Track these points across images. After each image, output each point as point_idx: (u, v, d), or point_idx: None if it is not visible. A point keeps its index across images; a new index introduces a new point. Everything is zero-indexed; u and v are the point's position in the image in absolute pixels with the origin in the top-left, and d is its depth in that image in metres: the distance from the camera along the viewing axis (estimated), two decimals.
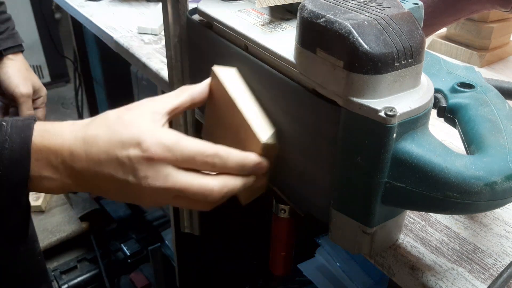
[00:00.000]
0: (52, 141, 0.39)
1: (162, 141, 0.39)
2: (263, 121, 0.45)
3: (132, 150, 0.39)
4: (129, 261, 1.40)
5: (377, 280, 0.77)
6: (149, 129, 0.40)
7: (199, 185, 0.40)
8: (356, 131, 0.37)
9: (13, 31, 0.95)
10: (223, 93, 0.47)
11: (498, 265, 0.43)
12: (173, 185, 0.40)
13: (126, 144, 0.39)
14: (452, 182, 0.35)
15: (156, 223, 1.51)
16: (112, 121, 0.41)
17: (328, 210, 0.42)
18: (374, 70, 0.35)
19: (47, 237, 1.29)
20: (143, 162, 0.39)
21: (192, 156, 0.40)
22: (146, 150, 0.39)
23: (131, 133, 0.39)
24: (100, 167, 0.39)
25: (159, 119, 0.42)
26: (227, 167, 0.42)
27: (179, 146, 0.39)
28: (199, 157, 0.40)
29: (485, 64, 0.85)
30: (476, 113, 0.44)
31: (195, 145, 0.40)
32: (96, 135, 0.40)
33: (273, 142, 0.45)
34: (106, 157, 0.39)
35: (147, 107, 0.43)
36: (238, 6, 0.54)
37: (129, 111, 0.42)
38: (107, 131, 0.40)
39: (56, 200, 1.42)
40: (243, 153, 0.43)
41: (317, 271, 0.82)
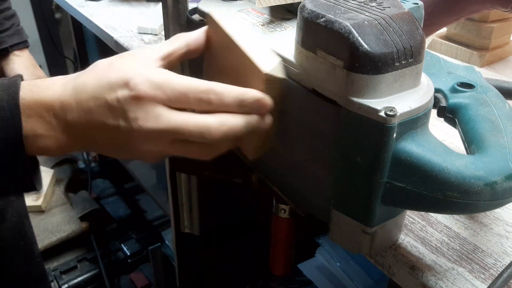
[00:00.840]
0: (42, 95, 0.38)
1: (151, 79, 0.37)
2: (265, 54, 0.42)
3: (120, 91, 0.36)
4: (129, 261, 1.40)
5: (377, 280, 0.77)
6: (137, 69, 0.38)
7: (194, 122, 0.37)
8: (356, 131, 0.37)
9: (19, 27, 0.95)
10: (222, 38, 0.44)
11: (498, 265, 0.43)
12: (166, 125, 0.37)
13: (114, 85, 0.37)
14: (452, 182, 0.35)
15: (156, 223, 1.51)
16: (102, 68, 0.39)
17: (328, 210, 0.42)
18: (374, 70, 0.35)
19: (47, 237, 1.29)
20: (132, 102, 0.36)
21: (184, 93, 0.37)
22: (134, 88, 0.36)
23: (119, 75, 0.37)
24: (91, 114, 0.37)
25: (150, 63, 0.40)
26: (224, 104, 0.38)
27: (170, 83, 0.37)
28: (192, 93, 0.37)
29: (485, 64, 0.85)
30: (476, 113, 0.44)
31: (188, 82, 0.37)
32: (85, 81, 0.38)
33: (277, 74, 0.40)
34: (95, 103, 0.37)
35: (139, 53, 0.41)
36: (238, 6, 0.54)
37: (120, 58, 0.40)
38: (96, 76, 0.38)
39: (56, 200, 1.42)
40: (241, 88, 0.39)
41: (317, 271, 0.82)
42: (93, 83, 0.38)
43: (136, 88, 0.36)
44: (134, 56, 0.40)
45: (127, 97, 0.36)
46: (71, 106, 0.38)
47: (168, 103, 0.37)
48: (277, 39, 0.45)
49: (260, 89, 0.40)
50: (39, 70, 0.96)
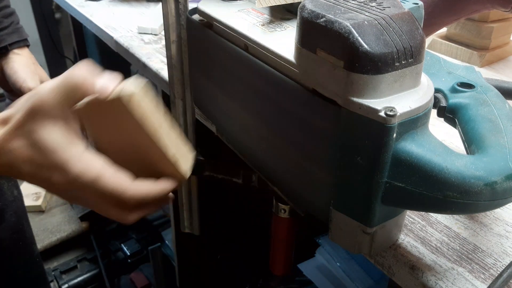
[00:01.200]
0: None
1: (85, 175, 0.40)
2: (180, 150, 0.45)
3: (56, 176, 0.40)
4: (129, 261, 1.40)
5: (377, 280, 0.77)
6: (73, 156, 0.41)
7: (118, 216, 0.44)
8: (356, 131, 0.37)
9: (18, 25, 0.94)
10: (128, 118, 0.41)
11: (498, 265, 0.43)
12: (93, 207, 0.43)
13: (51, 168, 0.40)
14: (452, 182, 0.35)
15: (156, 223, 1.51)
16: None
17: (328, 210, 0.42)
18: (374, 70, 0.35)
19: (47, 237, 1.29)
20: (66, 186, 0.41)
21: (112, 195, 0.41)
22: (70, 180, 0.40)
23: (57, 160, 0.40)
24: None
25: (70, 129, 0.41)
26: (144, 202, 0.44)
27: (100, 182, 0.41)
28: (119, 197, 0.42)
29: (485, 64, 0.85)
30: (476, 113, 0.44)
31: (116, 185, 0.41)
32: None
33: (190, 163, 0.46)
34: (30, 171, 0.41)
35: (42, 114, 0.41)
36: (238, 6, 0.54)
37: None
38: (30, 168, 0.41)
39: (56, 200, 1.42)
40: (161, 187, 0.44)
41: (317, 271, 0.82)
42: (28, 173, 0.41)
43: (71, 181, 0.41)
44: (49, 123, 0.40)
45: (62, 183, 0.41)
46: None
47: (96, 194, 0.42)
48: (277, 39, 0.45)
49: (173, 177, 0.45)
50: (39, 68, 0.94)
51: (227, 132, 0.60)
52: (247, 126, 0.53)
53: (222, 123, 0.60)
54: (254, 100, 0.50)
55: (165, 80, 0.79)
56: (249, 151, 0.55)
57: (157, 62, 0.86)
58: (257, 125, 0.51)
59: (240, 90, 0.52)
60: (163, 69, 0.82)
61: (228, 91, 0.53)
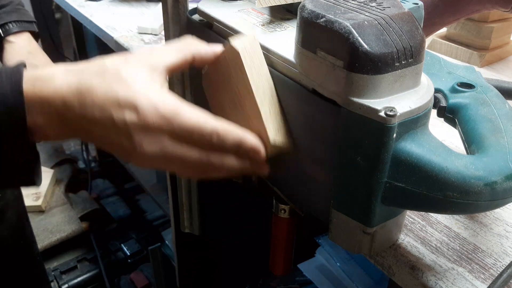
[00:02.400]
0: (44, 90, 0.37)
1: (160, 110, 0.38)
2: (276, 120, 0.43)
3: (128, 114, 0.37)
4: (129, 261, 1.40)
5: (377, 280, 0.77)
6: (146, 91, 0.38)
7: (195, 159, 0.40)
8: (356, 131, 0.37)
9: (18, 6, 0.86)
10: (239, 73, 0.43)
11: (498, 265, 0.43)
12: (168, 153, 0.39)
13: (122, 105, 0.37)
14: (452, 182, 0.35)
15: (156, 223, 1.51)
16: (108, 73, 0.39)
17: (328, 210, 0.42)
18: (374, 70, 0.35)
19: (47, 237, 1.29)
20: (139, 128, 0.38)
21: (190, 131, 0.39)
22: (142, 117, 0.37)
23: (128, 94, 0.38)
24: (94, 123, 0.38)
25: (157, 78, 0.40)
26: (224, 146, 0.40)
27: (178, 118, 0.38)
28: (197, 133, 0.39)
29: (485, 64, 0.85)
30: (476, 113, 0.44)
31: (194, 120, 0.39)
32: (91, 86, 0.38)
33: (281, 144, 0.43)
34: (100, 115, 0.38)
35: (146, 60, 0.41)
36: (238, 6, 0.54)
37: (127, 64, 0.40)
38: (102, 84, 0.38)
39: (56, 200, 1.42)
40: (242, 133, 0.41)
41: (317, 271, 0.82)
42: (100, 93, 0.38)
43: (145, 118, 0.37)
44: (140, 64, 0.40)
45: (135, 123, 0.38)
46: (72, 106, 0.38)
47: (172, 135, 0.39)
48: (277, 39, 0.45)
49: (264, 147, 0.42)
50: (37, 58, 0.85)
51: None
52: None
53: None
54: None
55: None
56: None
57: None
58: None
59: None
60: None
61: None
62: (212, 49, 0.44)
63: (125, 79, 0.38)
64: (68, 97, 0.38)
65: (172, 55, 0.42)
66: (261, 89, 0.43)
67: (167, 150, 0.39)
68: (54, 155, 1.60)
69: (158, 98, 0.38)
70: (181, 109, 0.38)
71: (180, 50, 0.43)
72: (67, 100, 0.38)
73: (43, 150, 1.62)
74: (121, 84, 0.38)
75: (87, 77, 0.38)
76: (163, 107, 0.38)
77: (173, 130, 0.38)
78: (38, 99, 0.37)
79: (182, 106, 0.39)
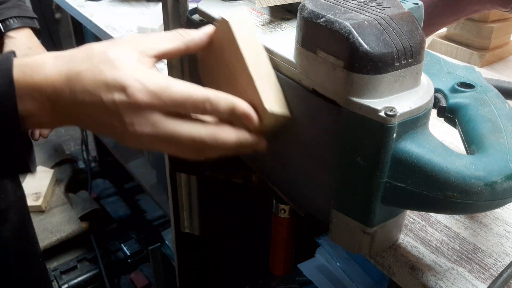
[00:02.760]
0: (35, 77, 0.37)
1: (149, 87, 0.37)
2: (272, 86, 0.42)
3: (117, 95, 0.37)
4: (129, 261, 1.40)
5: (377, 280, 0.77)
6: (134, 71, 0.38)
7: (188, 133, 0.39)
8: (356, 131, 0.37)
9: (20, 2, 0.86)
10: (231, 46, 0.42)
11: (498, 265, 0.43)
12: (160, 132, 0.38)
13: (110, 86, 0.37)
14: (452, 182, 0.35)
15: (156, 223, 1.51)
16: (97, 57, 0.38)
17: (328, 210, 0.42)
18: (374, 70, 0.35)
19: (47, 237, 1.29)
20: (129, 108, 0.37)
21: (181, 102, 0.38)
22: (131, 96, 0.37)
23: (115, 74, 0.37)
24: (85, 107, 0.38)
25: (145, 61, 0.40)
26: (217, 112, 0.40)
27: (167, 92, 0.38)
28: (189, 102, 0.38)
29: (485, 64, 0.85)
30: (476, 113, 0.44)
31: (185, 90, 0.38)
32: (80, 71, 0.38)
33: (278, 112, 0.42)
34: (90, 98, 0.37)
35: (135, 44, 0.40)
36: (238, 6, 0.54)
37: (114, 46, 0.39)
38: (91, 68, 0.38)
39: (56, 200, 1.42)
40: (234, 98, 0.40)
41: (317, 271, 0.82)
42: (89, 77, 0.38)
43: (133, 96, 0.37)
44: (129, 47, 0.40)
45: (124, 103, 0.37)
46: (63, 92, 0.38)
47: (164, 110, 0.38)
48: (277, 39, 0.45)
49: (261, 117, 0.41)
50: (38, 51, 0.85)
51: None
52: None
53: None
54: None
55: None
56: None
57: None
58: None
59: None
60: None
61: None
62: (204, 31, 0.44)
63: (112, 61, 0.38)
64: (59, 84, 0.38)
65: (163, 42, 0.42)
66: (253, 58, 0.42)
67: (160, 128, 0.38)
68: (54, 155, 1.60)
69: (146, 76, 0.38)
70: (170, 83, 0.38)
71: (172, 38, 0.42)
72: (58, 86, 0.38)
73: (43, 150, 1.62)
74: (109, 65, 0.38)
75: (76, 63, 0.38)
76: (152, 84, 0.37)
77: (164, 105, 0.38)
78: (29, 87, 0.38)
79: (171, 80, 0.38)
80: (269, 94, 0.42)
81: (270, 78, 0.43)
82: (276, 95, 0.42)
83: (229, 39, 0.42)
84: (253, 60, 0.42)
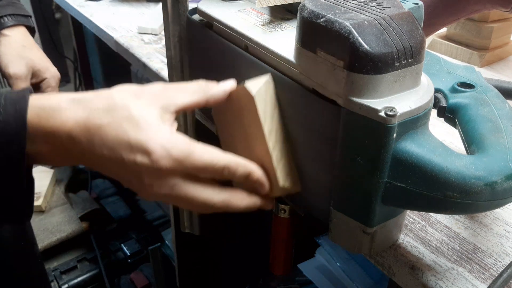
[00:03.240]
0: (50, 122, 0.37)
1: (172, 154, 0.37)
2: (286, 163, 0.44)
3: (139, 157, 0.37)
4: (129, 261, 1.40)
5: (377, 280, 0.77)
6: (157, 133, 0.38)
7: (202, 199, 0.40)
8: (356, 131, 0.37)
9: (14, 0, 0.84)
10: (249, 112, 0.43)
11: (498, 265, 0.43)
12: (177, 194, 0.39)
13: (133, 148, 0.37)
14: (452, 182, 0.35)
15: (156, 223, 1.51)
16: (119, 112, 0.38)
17: (328, 210, 0.42)
18: (374, 70, 0.35)
19: (47, 237, 1.29)
20: (150, 171, 0.37)
21: (202, 168, 0.39)
22: (155, 162, 0.37)
23: (139, 137, 0.37)
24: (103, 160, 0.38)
25: (167, 118, 0.39)
26: (234, 177, 0.41)
27: (190, 159, 0.38)
28: (210, 169, 0.39)
29: (485, 64, 0.85)
30: (476, 113, 0.44)
31: (207, 159, 0.39)
32: (101, 125, 0.37)
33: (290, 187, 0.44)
34: (109, 154, 0.37)
35: (158, 99, 0.40)
36: (238, 6, 0.54)
37: (138, 100, 0.39)
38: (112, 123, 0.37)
39: (56, 200, 1.42)
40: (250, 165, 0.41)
41: (317, 271, 0.82)
42: (110, 134, 0.37)
43: (157, 163, 0.37)
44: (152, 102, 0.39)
45: (147, 166, 0.37)
46: (80, 142, 0.37)
47: (184, 175, 0.39)
48: (277, 39, 0.45)
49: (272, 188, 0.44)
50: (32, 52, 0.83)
51: None
52: None
53: None
54: None
55: (165, 80, 0.79)
56: None
57: (157, 62, 0.86)
58: None
59: None
60: (163, 69, 0.82)
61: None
62: (225, 88, 0.44)
63: (136, 120, 0.37)
64: (76, 133, 0.37)
65: (185, 96, 0.41)
66: (273, 134, 0.43)
67: (177, 191, 0.39)
68: None
69: (170, 140, 0.38)
70: (193, 149, 0.38)
71: (193, 92, 0.42)
72: (74, 135, 0.37)
73: None
74: (132, 124, 0.37)
75: (95, 114, 0.37)
76: (176, 150, 0.37)
77: (186, 170, 0.38)
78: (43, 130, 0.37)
79: (194, 145, 0.39)
80: (284, 170, 0.43)
81: (286, 154, 0.44)
82: (289, 168, 0.44)
83: (251, 110, 0.43)
84: (273, 138, 0.43)
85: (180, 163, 0.37)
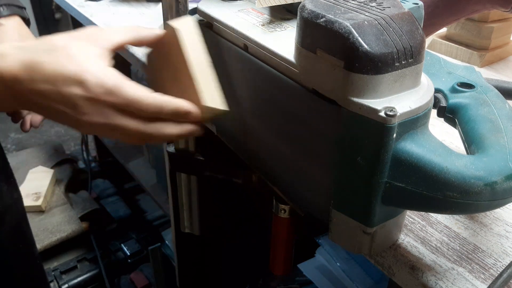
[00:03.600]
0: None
1: (105, 84, 0.41)
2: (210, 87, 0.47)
3: (74, 88, 0.41)
4: (129, 261, 1.40)
5: (377, 280, 0.77)
6: (92, 66, 0.42)
7: (136, 128, 0.43)
8: (356, 131, 0.37)
9: None
10: (177, 50, 0.47)
11: (498, 265, 0.43)
12: (110, 124, 0.43)
13: (68, 80, 0.41)
14: (452, 182, 0.35)
15: (156, 223, 1.51)
16: (58, 50, 0.42)
17: (328, 210, 0.42)
18: (374, 70, 0.35)
19: (47, 237, 1.29)
20: (85, 100, 0.41)
21: (130, 103, 0.42)
22: (88, 90, 0.41)
23: (75, 70, 0.41)
24: (43, 96, 0.41)
25: (104, 54, 0.43)
26: (162, 115, 0.44)
27: (120, 91, 0.42)
28: (136, 105, 0.42)
29: (485, 64, 0.85)
30: (476, 113, 0.44)
31: (134, 93, 0.42)
32: (41, 62, 0.41)
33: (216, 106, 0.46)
34: (49, 89, 0.41)
35: (96, 38, 0.44)
36: (238, 6, 0.54)
37: (77, 41, 0.43)
38: (51, 60, 0.41)
39: (56, 200, 1.42)
40: (178, 102, 0.44)
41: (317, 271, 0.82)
42: (50, 69, 0.41)
43: (89, 91, 0.41)
44: (89, 42, 0.44)
45: (80, 96, 0.41)
46: (24, 81, 0.41)
47: (115, 106, 0.42)
48: (277, 39, 0.45)
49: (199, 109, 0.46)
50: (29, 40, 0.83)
51: (227, 132, 0.60)
52: (247, 126, 0.53)
53: (222, 123, 0.60)
54: (254, 100, 0.50)
55: None
56: (249, 151, 0.55)
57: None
58: (257, 125, 0.51)
59: (240, 90, 0.52)
60: None
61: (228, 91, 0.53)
62: (154, 32, 0.49)
63: (73, 55, 0.42)
64: (19, 73, 0.41)
65: (120, 36, 0.46)
66: (196, 61, 0.46)
67: (110, 120, 0.42)
68: (54, 155, 1.60)
69: (104, 72, 0.42)
70: (123, 83, 0.42)
71: (127, 32, 0.47)
72: (19, 75, 0.41)
73: (43, 150, 1.62)
74: (69, 59, 0.41)
75: (37, 54, 0.42)
76: (108, 80, 0.41)
77: (115, 102, 0.42)
78: None
79: (124, 81, 0.42)
80: (207, 92, 0.46)
81: (210, 79, 0.47)
82: (214, 92, 0.47)
83: (176, 43, 0.46)
84: (196, 64, 0.46)
85: (112, 93, 0.41)
